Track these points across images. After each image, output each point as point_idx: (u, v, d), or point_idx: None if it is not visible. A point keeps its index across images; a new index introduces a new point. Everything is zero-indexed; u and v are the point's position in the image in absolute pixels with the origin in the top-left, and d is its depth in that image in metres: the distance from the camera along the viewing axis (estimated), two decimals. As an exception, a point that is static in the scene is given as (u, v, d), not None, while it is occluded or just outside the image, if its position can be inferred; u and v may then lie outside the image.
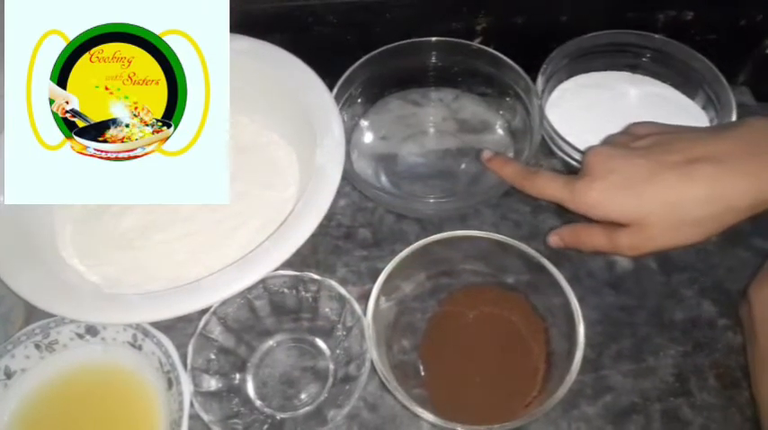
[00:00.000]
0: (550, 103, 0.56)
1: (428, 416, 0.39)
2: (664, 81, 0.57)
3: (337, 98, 0.51)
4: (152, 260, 0.49)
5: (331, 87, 0.51)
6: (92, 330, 0.45)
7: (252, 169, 0.52)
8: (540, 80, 0.53)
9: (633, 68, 0.58)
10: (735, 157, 0.40)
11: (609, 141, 0.46)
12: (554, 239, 0.48)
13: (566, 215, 0.52)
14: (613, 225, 0.43)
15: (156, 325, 0.44)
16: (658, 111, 0.55)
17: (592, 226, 0.45)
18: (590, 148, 0.44)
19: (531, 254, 0.43)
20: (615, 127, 0.49)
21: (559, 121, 0.53)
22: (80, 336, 0.45)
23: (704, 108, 0.55)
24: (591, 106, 0.56)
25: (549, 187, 0.45)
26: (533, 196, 0.47)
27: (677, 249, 0.42)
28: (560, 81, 0.57)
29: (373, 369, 0.41)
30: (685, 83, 0.56)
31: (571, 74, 0.57)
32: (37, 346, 0.45)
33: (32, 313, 0.47)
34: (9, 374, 0.44)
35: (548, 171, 0.46)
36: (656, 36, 0.55)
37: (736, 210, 0.40)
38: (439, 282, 0.48)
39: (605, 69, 0.58)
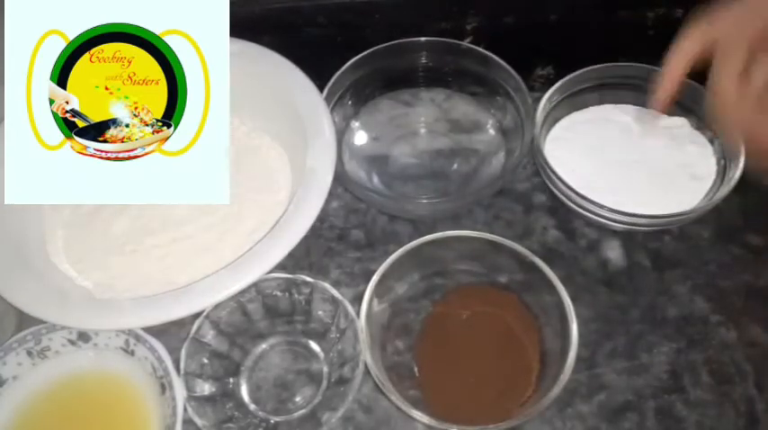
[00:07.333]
0: (549, 143, 0.53)
1: (423, 417, 0.39)
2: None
3: (328, 100, 0.51)
4: (144, 264, 0.49)
5: (321, 89, 0.51)
6: (84, 336, 0.45)
7: (243, 172, 0.52)
8: (537, 118, 0.51)
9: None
10: None
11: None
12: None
13: (556, 214, 0.52)
14: None
15: (149, 330, 0.44)
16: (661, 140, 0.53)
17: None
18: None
19: (524, 253, 0.43)
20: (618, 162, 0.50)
21: (559, 164, 0.50)
22: (72, 343, 0.45)
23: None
24: (591, 147, 0.54)
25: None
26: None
27: None
28: (557, 120, 0.55)
29: (367, 371, 0.41)
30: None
31: (568, 111, 0.55)
32: (29, 353, 0.45)
33: (24, 320, 0.47)
34: (1, 382, 0.44)
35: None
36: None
37: None
38: (432, 283, 0.48)
39: (601, 103, 0.55)
